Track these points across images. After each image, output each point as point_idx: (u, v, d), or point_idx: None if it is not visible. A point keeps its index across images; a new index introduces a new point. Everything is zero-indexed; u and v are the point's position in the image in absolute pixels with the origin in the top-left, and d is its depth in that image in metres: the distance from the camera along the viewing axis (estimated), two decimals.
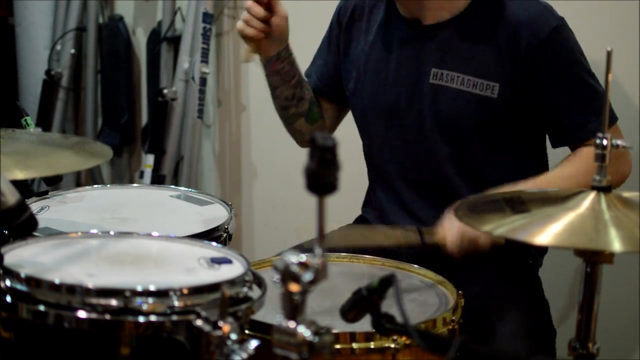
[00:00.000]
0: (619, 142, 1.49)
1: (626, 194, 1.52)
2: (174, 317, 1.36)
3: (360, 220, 2.31)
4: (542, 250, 2.20)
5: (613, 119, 2.04)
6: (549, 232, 1.41)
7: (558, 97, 2.01)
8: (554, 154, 2.17)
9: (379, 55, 2.15)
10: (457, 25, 2.05)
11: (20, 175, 1.63)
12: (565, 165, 2.04)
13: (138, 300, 1.35)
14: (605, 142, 1.48)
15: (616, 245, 1.38)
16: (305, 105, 2.25)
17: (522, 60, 1.99)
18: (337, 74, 2.27)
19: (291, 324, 1.25)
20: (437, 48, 2.06)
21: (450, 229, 1.90)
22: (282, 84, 2.20)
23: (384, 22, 2.15)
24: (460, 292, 1.77)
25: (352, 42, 2.21)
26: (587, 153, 1.97)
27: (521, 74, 2.00)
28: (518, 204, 1.56)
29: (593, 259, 1.45)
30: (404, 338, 1.57)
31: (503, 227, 1.46)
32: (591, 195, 1.49)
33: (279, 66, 2.17)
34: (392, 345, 1.57)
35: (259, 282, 1.50)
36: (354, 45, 2.20)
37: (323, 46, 2.31)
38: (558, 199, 1.53)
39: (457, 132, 2.07)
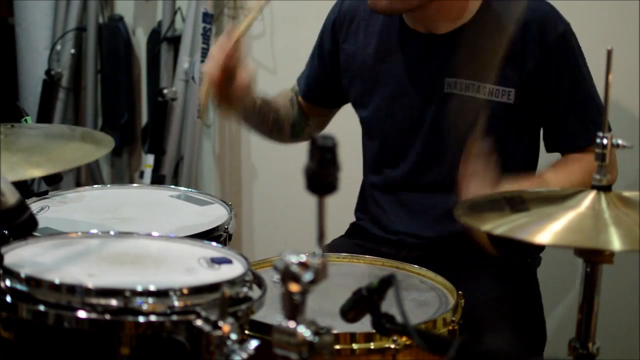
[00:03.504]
0: (619, 141, 1.49)
1: (626, 194, 1.52)
2: (174, 317, 1.36)
3: (354, 228, 2.31)
4: (540, 247, 2.20)
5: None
6: (548, 231, 1.41)
7: (559, 103, 2.02)
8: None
9: (386, 67, 2.12)
10: (467, 33, 2.03)
11: (35, 172, 1.63)
12: (571, 171, 2.03)
13: (138, 300, 1.35)
14: (605, 141, 1.48)
15: (616, 244, 1.38)
16: (286, 129, 2.29)
17: (532, 66, 1.99)
18: (327, 82, 2.27)
19: (291, 324, 1.25)
20: (448, 57, 2.05)
21: (470, 188, 1.85)
22: (260, 127, 2.26)
23: (385, 33, 2.13)
24: (460, 292, 1.77)
25: (352, 53, 2.19)
26: (588, 160, 1.96)
27: (533, 79, 2.00)
28: (518, 203, 1.56)
29: (593, 259, 1.45)
30: (404, 338, 1.57)
31: (503, 226, 1.46)
32: (591, 195, 1.49)
33: (249, 120, 2.21)
34: (392, 346, 1.57)
35: (259, 282, 1.50)
36: (354, 56, 2.18)
37: (313, 54, 2.30)
38: (558, 198, 1.53)
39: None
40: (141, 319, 1.35)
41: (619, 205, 1.47)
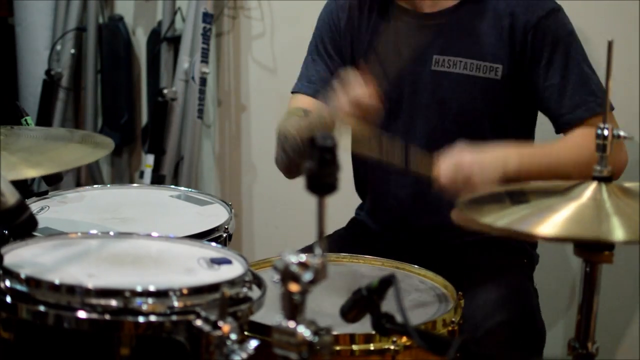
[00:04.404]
0: (620, 132, 1.49)
1: (627, 184, 1.51)
2: (174, 317, 1.36)
3: (353, 223, 2.31)
4: (534, 244, 2.20)
5: (610, 107, 2.04)
6: (549, 222, 1.40)
7: (554, 78, 2.02)
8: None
9: (380, 48, 2.14)
10: (456, 11, 2.06)
11: (29, 173, 1.63)
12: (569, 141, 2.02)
13: (138, 300, 1.35)
14: (606, 132, 1.48)
15: (618, 233, 1.37)
16: None
17: (520, 41, 2.01)
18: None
19: (291, 324, 1.25)
20: (437, 35, 2.07)
21: (446, 160, 1.86)
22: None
23: (381, 14, 2.14)
24: (460, 292, 1.77)
25: (353, 43, 2.20)
26: (587, 133, 1.96)
27: (521, 54, 2.02)
28: (518, 195, 1.56)
29: (592, 259, 1.45)
30: (403, 339, 1.57)
31: (503, 218, 1.45)
32: (592, 186, 1.48)
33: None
34: (392, 347, 1.57)
35: (259, 282, 1.51)
36: (355, 45, 2.20)
37: (318, 54, 2.24)
38: (559, 190, 1.52)
39: (461, 117, 2.07)
40: (141, 319, 1.35)
41: (620, 196, 1.47)
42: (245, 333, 1.50)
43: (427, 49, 2.08)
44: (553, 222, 1.40)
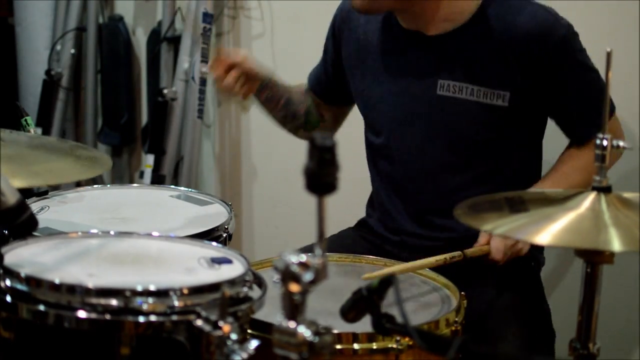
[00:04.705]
0: (620, 143, 1.49)
1: (626, 195, 1.52)
2: (174, 317, 1.36)
3: (361, 224, 2.31)
4: (541, 248, 2.20)
5: (612, 108, 2.07)
6: (548, 231, 1.41)
7: (571, 103, 2.04)
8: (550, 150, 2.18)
9: (381, 67, 2.13)
10: (462, 36, 2.03)
11: (19, 183, 1.62)
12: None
13: (138, 300, 1.35)
14: (605, 142, 1.48)
15: (615, 244, 1.38)
16: (300, 119, 2.32)
17: (532, 70, 1.99)
18: (332, 81, 2.30)
19: (291, 324, 1.25)
20: (442, 59, 2.05)
21: (495, 243, 1.98)
22: (272, 109, 2.29)
23: (382, 33, 2.14)
24: (462, 293, 1.77)
25: (352, 50, 2.20)
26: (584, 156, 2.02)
27: (532, 82, 2.00)
28: (518, 204, 1.56)
29: (593, 259, 1.45)
30: (406, 339, 1.57)
31: (502, 226, 1.45)
32: (591, 196, 1.49)
33: (265, 94, 2.24)
34: (395, 346, 1.57)
35: (259, 282, 1.50)
36: (354, 52, 2.19)
37: (324, 51, 2.33)
38: (558, 200, 1.53)
39: (466, 141, 2.06)
40: (141, 319, 1.35)
41: (619, 207, 1.47)
42: (248, 331, 1.49)
43: (432, 73, 2.06)
44: (551, 231, 1.41)
